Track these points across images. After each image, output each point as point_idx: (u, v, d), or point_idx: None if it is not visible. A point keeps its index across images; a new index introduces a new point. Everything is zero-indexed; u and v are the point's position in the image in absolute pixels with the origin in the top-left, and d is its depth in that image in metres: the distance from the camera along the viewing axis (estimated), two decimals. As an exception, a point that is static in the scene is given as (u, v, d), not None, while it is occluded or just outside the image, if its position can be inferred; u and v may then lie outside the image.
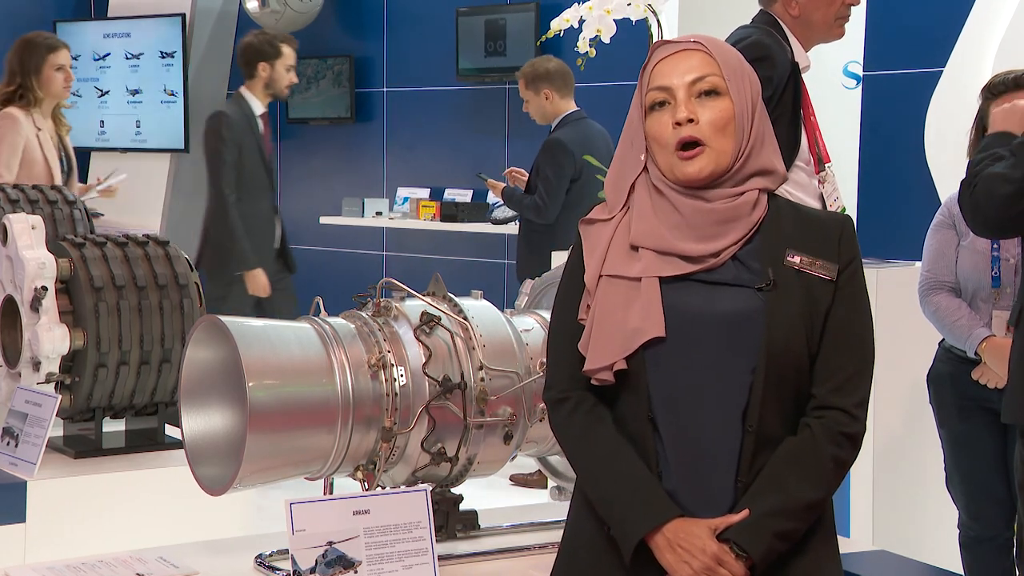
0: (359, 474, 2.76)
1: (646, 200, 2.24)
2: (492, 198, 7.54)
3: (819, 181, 3.75)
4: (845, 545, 3.18)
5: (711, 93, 2.20)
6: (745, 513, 2.14)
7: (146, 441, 3.88)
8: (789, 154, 3.68)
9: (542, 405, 2.72)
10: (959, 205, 3.09)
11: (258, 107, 6.34)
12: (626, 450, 2.19)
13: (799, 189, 3.70)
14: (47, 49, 5.65)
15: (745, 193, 2.22)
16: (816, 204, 3.74)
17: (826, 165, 3.79)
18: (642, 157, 2.25)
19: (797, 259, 2.21)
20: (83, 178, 9.03)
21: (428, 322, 2.79)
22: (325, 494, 2.77)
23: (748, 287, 2.19)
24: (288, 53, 6.29)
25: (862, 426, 2.22)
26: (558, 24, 5.64)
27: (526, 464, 5.64)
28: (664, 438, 2.18)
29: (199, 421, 2.75)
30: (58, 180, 5.66)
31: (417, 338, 2.77)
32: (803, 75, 3.77)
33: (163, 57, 8.67)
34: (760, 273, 2.19)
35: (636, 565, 2.17)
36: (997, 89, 3.85)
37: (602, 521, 2.21)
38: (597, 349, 2.20)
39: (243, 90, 6.37)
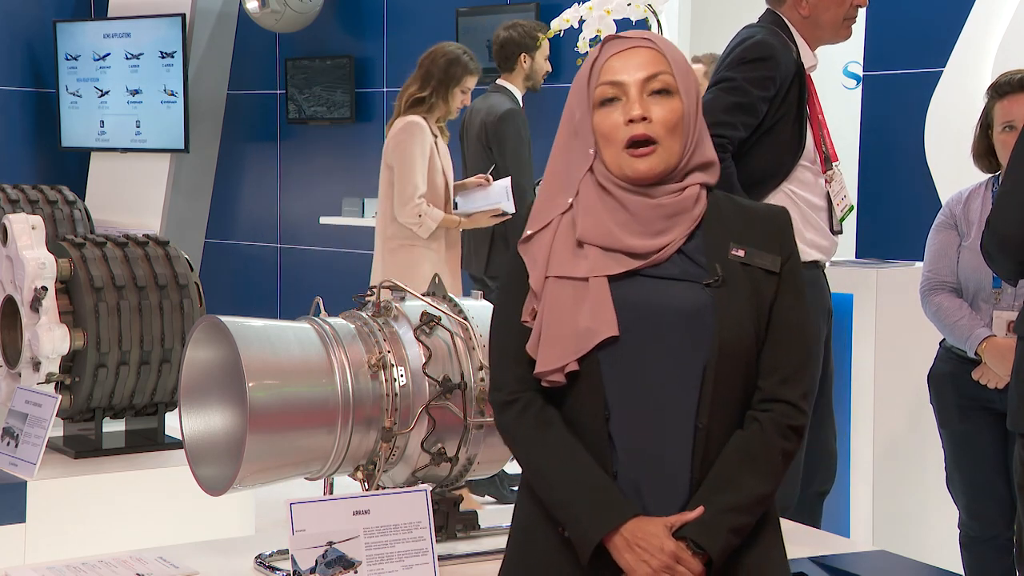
0: (359, 474, 2.76)
1: (591, 195, 2.23)
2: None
3: (826, 180, 3.74)
4: (845, 545, 3.19)
5: (663, 92, 2.21)
6: (700, 510, 2.15)
7: (146, 441, 3.88)
8: (794, 153, 3.68)
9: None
10: (982, 253, 3.06)
11: (520, 98, 6.14)
12: (579, 451, 2.18)
13: (804, 188, 3.70)
14: (467, 71, 5.59)
15: (687, 188, 2.22)
16: (822, 203, 3.74)
17: (834, 164, 3.79)
18: (591, 151, 2.24)
19: (741, 252, 2.22)
20: (83, 178, 9.04)
21: (428, 322, 2.80)
22: (325, 494, 2.78)
23: (696, 282, 2.20)
24: (544, 43, 6.10)
25: (807, 418, 2.24)
26: (558, 24, 5.64)
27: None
28: (618, 437, 2.18)
29: (199, 421, 2.76)
30: (450, 187, 5.59)
31: (417, 338, 2.77)
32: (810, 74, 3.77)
33: (163, 57, 8.67)
34: (706, 268, 2.21)
35: (592, 565, 2.17)
36: (1003, 89, 3.85)
37: (555, 522, 2.21)
38: (548, 351, 2.19)
39: (503, 82, 6.10)
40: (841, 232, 3.83)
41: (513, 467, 2.61)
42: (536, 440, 2.21)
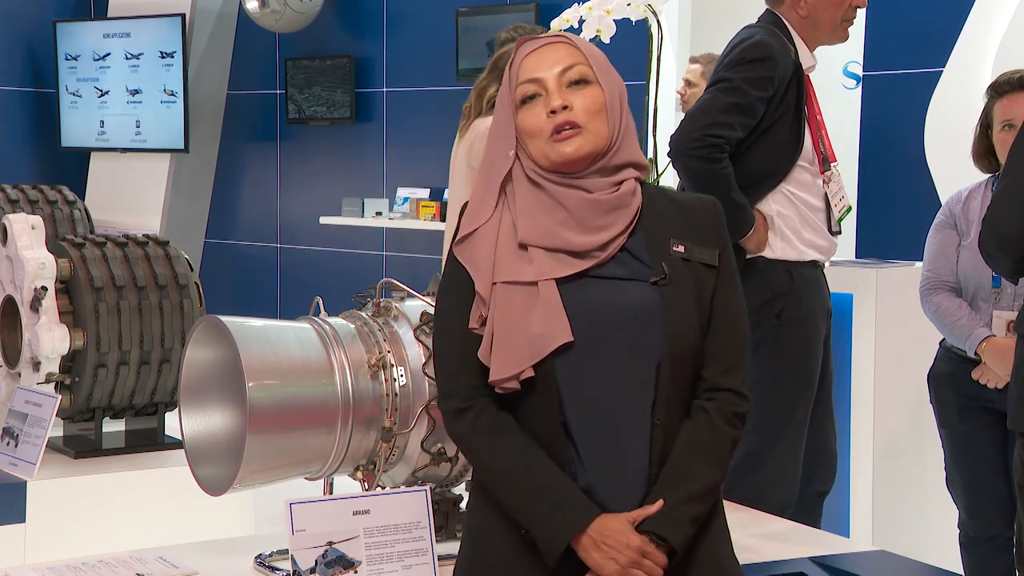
0: (359, 474, 2.76)
1: (527, 196, 2.24)
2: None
3: (824, 181, 3.75)
4: (845, 545, 3.19)
5: (581, 82, 2.23)
6: (660, 503, 2.18)
7: (146, 441, 3.88)
8: (792, 154, 3.68)
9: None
10: (981, 251, 3.06)
11: None
12: (537, 455, 2.20)
13: (802, 189, 3.70)
14: None
15: (624, 183, 2.25)
16: (820, 204, 3.74)
17: (832, 165, 3.79)
18: (511, 153, 2.25)
19: (682, 248, 2.25)
20: (83, 178, 9.04)
21: (428, 322, 2.79)
22: (325, 494, 2.78)
23: (643, 281, 2.22)
24: None
25: (749, 404, 2.28)
26: (558, 24, 5.62)
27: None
28: (576, 439, 2.20)
29: (199, 421, 2.75)
30: None
31: (417, 338, 2.77)
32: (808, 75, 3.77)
33: (163, 57, 8.67)
34: (651, 265, 2.23)
35: (556, 567, 2.19)
36: (1002, 88, 3.85)
37: (515, 524, 2.22)
38: (502, 358, 2.19)
39: None
40: (840, 232, 3.83)
41: None
42: (492, 446, 2.22)
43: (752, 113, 3.60)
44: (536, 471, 2.19)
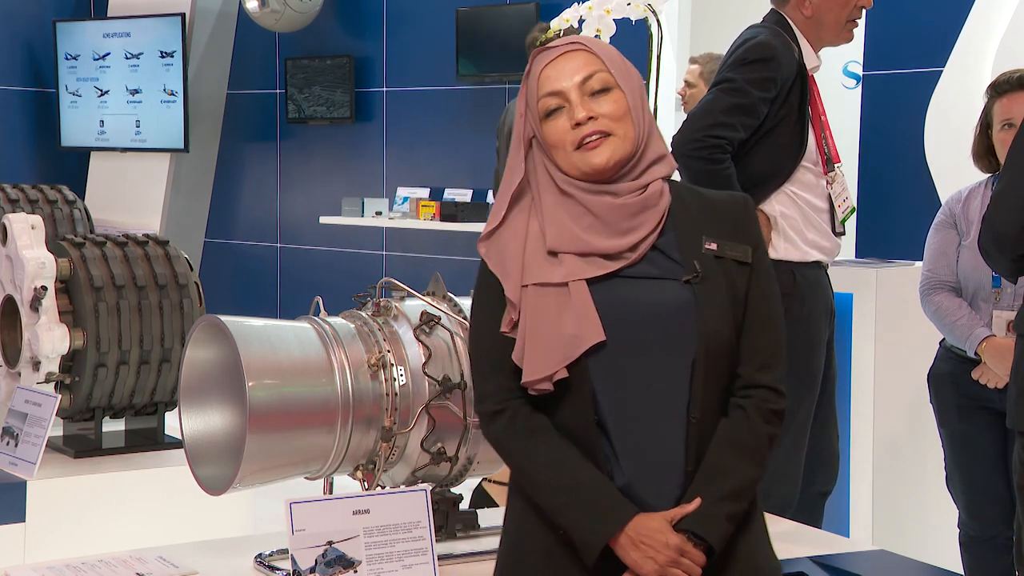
0: (359, 474, 2.76)
1: (555, 205, 2.24)
2: (492, 198, 7.54)
3: (827, 182, 3.74)
4: (845, 545, 3.19)
5: (603, 91, 2.22)
6: (698, 502, 2.17)
7: (146, 441, 3.88)
8: (796, 155, 3.68)
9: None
10: (980, 250, 3.06)
11: None
12: (573, 455, 2.20)
13: (805, 189, 3.70)
14: None
15: (650, 184, 2.24)
16: (824, 205, 3.74)
17: (836, 166, 3.78)
18: (522, 165, 2.26)
19: (714, 245, 2.24)
20: (83, 178, 9.04)
21: (428, 322, 2.80)
22: (325, 494, 2.77)
23: (674, 279, 2.22)
24: None
25: (785, 401, 2.27)
26: (558, 24, 5.63)
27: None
28: (612, 438, 2.20)
29: (199, 421, 2.75)
30: None
31: (417, 338, 2.77)
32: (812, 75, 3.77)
33: (163, 57, 8.67)
34: (682, 263, 2.22)
35: (595, 568, 2.18)
36: (1002, 87, 3.85)
37: (551, 526, 2.21)
38: (534, 360, 2.19)
39: None
40: (843, 233, 3.83)
41: None
42: (528, 448, 2.22)
43: (754, 114, 3.60)
44: (572, 471, 2.18)
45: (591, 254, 2.21)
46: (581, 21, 5.43)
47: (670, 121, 6.19)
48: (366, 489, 2.74)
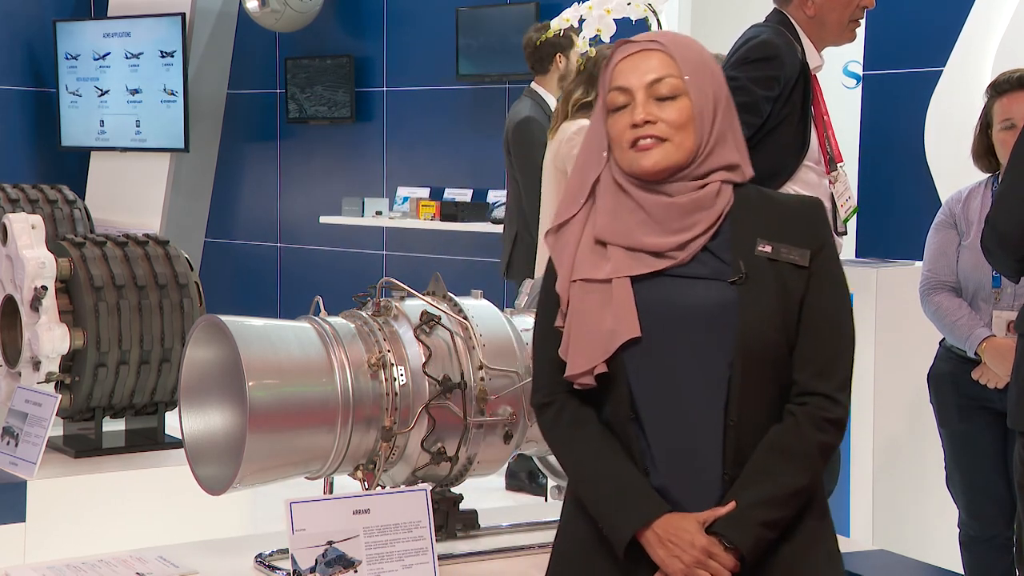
0: (359, 474, 2.76)
1: (610, 198, 2.25)
2: (492, 197, 7.54)
3: (830, 181, 3.74)
4: (845, 545, 3.18)
5: (670, 97, 2.21)
6: (732, 505, 2.16)
7: (146, 441, 3.88)
8: (798, 154, 3.68)
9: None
10: (983, 250, 3.06)
11: (552, 102, 6.05)
12: (613, 449, 2.21)
13: (808, 189, 3.70)
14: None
15: (707, 185, 2.23)
16: (826, 204, 3.73)
17: (838, 165, 3.79)
18: (604, 154, 2.27)
19: (768, 248, 2.22)
20: (83, 178, 9.04)
21: (428, 322, 2.79)
22: (325, 493, 2.77)
23: (720, 280, 2.20)
24: (578, 41, 6.02)
25: (844, 410, 2.24)
26: (558, 24, 5.64)
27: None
28: (648, 435, 2.20)
29: (199, 421, 2.75)
30: None
31: (417, 338, 2.77)
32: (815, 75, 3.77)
33: (163, 57, 8.66)
34: (732, 265, 2.21)
35: (629, 561, 2.19)
36: (1002, 87, 3.85)
37: (594, 520, 2.23)
38: (576, 354, 2.22)
39: (536, 87, 6.00)
40: (845, 233, 3.83)
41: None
42: (571, 439, 2.26)
43: (757, 112, 3.60)
44: (608, 464, 2.21)
45: (639, 250, 2.21)
46: (581, 21, 5.43)
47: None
48: (366, 489, 2.74)
